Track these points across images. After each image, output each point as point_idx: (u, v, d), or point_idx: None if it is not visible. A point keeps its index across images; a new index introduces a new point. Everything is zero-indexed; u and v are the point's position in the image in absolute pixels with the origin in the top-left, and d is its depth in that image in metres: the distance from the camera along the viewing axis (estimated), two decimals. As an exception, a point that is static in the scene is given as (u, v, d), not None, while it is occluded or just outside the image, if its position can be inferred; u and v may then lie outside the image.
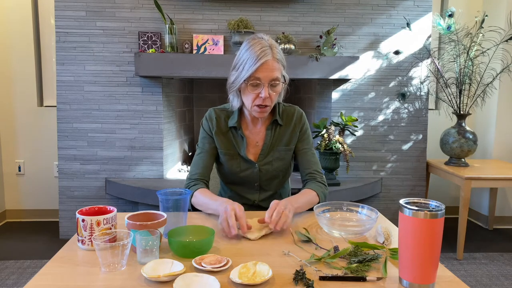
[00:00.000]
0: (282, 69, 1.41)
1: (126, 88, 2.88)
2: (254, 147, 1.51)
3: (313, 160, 1.54)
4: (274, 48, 1.38)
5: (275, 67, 1.36)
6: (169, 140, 3.03)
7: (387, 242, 1.11)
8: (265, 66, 1.34)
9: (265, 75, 1.35)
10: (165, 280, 0.89)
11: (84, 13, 2.81)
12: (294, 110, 1.55)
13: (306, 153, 1.54)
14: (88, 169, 2.93)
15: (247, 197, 1.55)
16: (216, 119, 1.51)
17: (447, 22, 2.85)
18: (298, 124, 1.53)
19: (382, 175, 3.12)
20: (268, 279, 0.90)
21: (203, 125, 1.54)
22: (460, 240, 2.73)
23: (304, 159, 1.53)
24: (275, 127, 1.52)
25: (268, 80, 1.36)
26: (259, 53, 1.35)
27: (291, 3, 2.90)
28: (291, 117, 1.53)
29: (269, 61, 1.35)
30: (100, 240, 0.99)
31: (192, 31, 2.86)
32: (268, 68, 1.35)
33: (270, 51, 1.36)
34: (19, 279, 2.38)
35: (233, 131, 1.51)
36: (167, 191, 1.21)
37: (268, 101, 1.39)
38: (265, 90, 1.35)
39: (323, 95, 3.08)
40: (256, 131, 1.52)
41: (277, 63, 1.37)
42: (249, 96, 1.39)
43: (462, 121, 2.96)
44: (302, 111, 1.58)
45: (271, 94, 1.38)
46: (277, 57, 1.37)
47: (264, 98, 1.37)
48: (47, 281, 0.91)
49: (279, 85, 1.40)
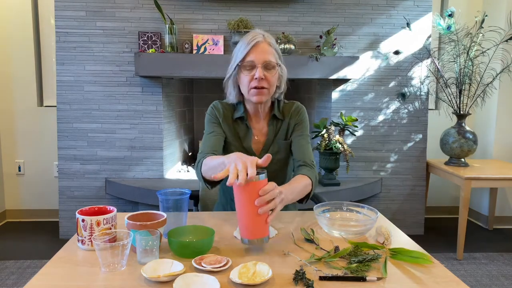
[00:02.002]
0: (277, 56, 1.41)
1: (126, 88, 2.88)
2: (256, 143, 1.51)
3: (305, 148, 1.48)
4: (267, 35, 1.40)
5: (267, 50, 1.37)
6: (169, 140, 3.03)
7: (387, 242, 1.11)
8: (257, 47, 1.36)
9: (258, 57, 1.36)
10: (165, 280, 0.89)
11: (84, 13, 2.81)
12: (293, 105, 1.55)
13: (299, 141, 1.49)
14: (88, 169, 2.93)
15: None
16: (222, 110, 1.50)
17: (447, 22, 2.85)
18: (294, 117, 1.53)
19: (382, 175, 3.12)
20: (268, 279, 0.90)
21: (210, 113, 1.51)
22: (460, 240, 2.73)
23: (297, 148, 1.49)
24: (275, 122, 1.52)
25: (261, 62, 1.36)
26: (250, 38, 1.37)
27: (291, 3, 2.90)
28: (289, 111, 1.53)
29: (261, 43, 1.37)
30: (100, 240, 0.99)
31: (192, 31, 2.86)
32: (260, 49, 1.36)
33: (262, 36, 1.39)
34: (19, 279, 2.38)
35: (238, 123, 1.50)
36: (167, 191, 1.21)
37: (265, 83, 1.38)
38: (259, 71, 1.35)
39: (323, 95, 3.08)
40: (259, 127, 1.52)
41: (270, 46, 1.39)
42: (245, 79, 1.39)
43: (462, 121, 2.96)
44: (301, 106, 1.56)
45: (267, 75, 1.37)
46: (269, 41, 1.39)
47: (259, 79, 1.36)
48: (47, 281, 0.91)
49: (275, 69, 1.40)
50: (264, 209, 1.02)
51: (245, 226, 1.03)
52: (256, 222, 1.02)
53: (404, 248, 1.05)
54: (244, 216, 1.03)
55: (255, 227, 1.02)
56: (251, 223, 1.02)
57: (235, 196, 1.04)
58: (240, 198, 1.03)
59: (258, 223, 1.03)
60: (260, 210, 1.01)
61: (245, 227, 1.03)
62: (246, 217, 1.02)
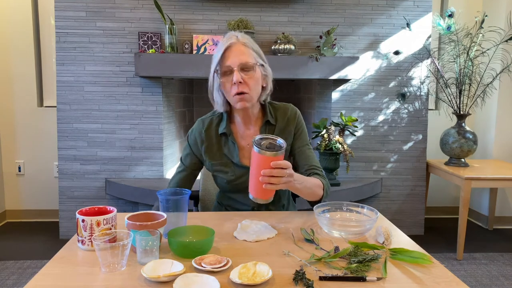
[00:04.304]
0: (255, 55, 1.34)
1: (126, 88, 2.88)
2: (248, 151, 1.41)
3: (311, 155, 1.46)
4: (242, 35, 1.34)
5: (242, 51, 1.31)
6: (169, 140, 3.03)
7: (387, 242, 1.11)
8: (231, 50, 1.30)
9: (233, 60, 1.29)
10: (165, 280, 0.89)
11: (84, 13, 2.81)
12: (287, 109, 1.47)
13: (304, 151, 1.45)
14: (88, 170, 2.93)
15: (245, 204, 1.48)
16: (205, 131, 1.43)
17: (447, 22, 2.85)
18: (292, 123, 1.45)
19: (382, 175, 3.12)
20: (268, 279, 0.90)
21: (189, 140, 1.47)
22: (460, 240, 2.73)
23: (302, 157, 1.45)
24: (268, 128, 1.43)
25: (237, 64, 1.29)
26: (223, 41, 1.32)
27: (291, 3, 2.90)
28: (284, 116, 1.45)
29: (234, 44, 1.31)
30: (100, 240, 0.99)
31: (192, 31, 2.86)
32: (234, 51, 1.30)
33: (236, 37, 1.32)
34: (19, 279, 2.38)
35: (223, 138, 1.43)
36: (167, 191, 1.21)
37: (245, 87, 1.30)
38: (236, 74, 1.28)
39: (323, 95, 3.09)
40: (250, 134, 1.43)
41: (245, 47, 1.32)
42: (227, 86, 1.32)
43: (462, 121, 2.97)
44: (296, 109, 1.48)
45: (245, 78, 1.30)
46: (244, 42, 1.33)
47: (238, 84, 1.28)
48: (47, 281, 0.91)
49: (254, 70, 1.31)
50: (265, 180, 1.12)
51: (253, 185, 1.17)
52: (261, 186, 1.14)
53: (404, 248, 1.05)
54: (253, 178, 1.16)
55: (259, 190, 1.15)
56: (258, 186, 1.14)
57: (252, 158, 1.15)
58: (253, 162, 1.14)
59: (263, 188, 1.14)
60: (261, 178, 1.12)
61: (253, 186, 1.17)
62: (255, 179, 1.15)
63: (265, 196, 1.17)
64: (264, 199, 1.18)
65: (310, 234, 1.15)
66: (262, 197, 1.17)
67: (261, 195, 1.17)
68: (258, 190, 1.15)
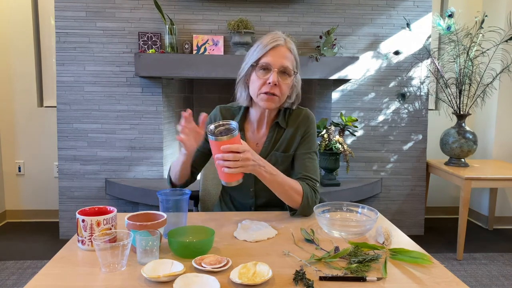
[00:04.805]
0: (295, 64, 1.34)
1: (126, 88, 2.88)
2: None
3: (309, 165, 1.38)
4: (289, 40, 1.33)
5: (286, 55, 1.29)
6: (169, 140, 3.03)
7: (387, 243, 1.11)
8: (276, 50, 1.28)
9: (275, 60, 1.28)
10: (165, 280, 0.89)
11: (84, 13, 2.81)
12: (300, 113, 1.43)
13: (302, 159, 1.39)
14: (88, 170, 2.93)
15: (243, 203, 1.48)
16: (219, 118, 1.45)
17: (447, 22, 2.85)
18: (301, 128, 1.41)
19: (382, 175, 3.12)
20: (268, 279, 0.90)
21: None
22: (460, 240, 2.73)
23: (299, 164, 1.39)
24: (276, 130, 1.42)
25: (278, 66, 1.27)
26: (270, 39, 1.29)
27: (291, 4, 2.90)
28: (296, 120, 1.42)
29: (281, 46, 1.29)
30: (100, 241, 0.99)
31: (192, 31, 2.86)
32: (279, 53, 1.28)
33: (284, 40, 1.30)
34: (19, 279, 2.38)
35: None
36: (167, 191, 1.21)
37: (277, 90, 1.29)
38: (273, 75, 1.26)
39: (323, 95, 3.09)
40: (260, 134, 1.43)
41: (290, 52, 1.31)
42: (257, 82, 1.30)
43: (462, 121, 2.97)
44: (309, 115, 1.44)
45: (280, 82, 1.28)
46: (290, 47, 1.31)
47: (272, 85, 1.27)
48: (47, 281, 0.91)
49: (290, 77, 1.31)
50: (220, 164, 1.15)
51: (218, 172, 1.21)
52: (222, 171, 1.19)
53: (404, 248, 1.05)
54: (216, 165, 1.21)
55: (222, 174, 1.19)
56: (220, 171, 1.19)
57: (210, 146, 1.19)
58: (211, 149, 1.19)
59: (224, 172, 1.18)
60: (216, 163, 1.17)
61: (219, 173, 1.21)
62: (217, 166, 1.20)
63: (231, 179, 1.20)
64: (233, 181, 1.20)
65: (310, 234, 1.15)
66: (229, 180, 1.20)
67: (228, 179, 1.20)
68: (221, 174, 1.20)
